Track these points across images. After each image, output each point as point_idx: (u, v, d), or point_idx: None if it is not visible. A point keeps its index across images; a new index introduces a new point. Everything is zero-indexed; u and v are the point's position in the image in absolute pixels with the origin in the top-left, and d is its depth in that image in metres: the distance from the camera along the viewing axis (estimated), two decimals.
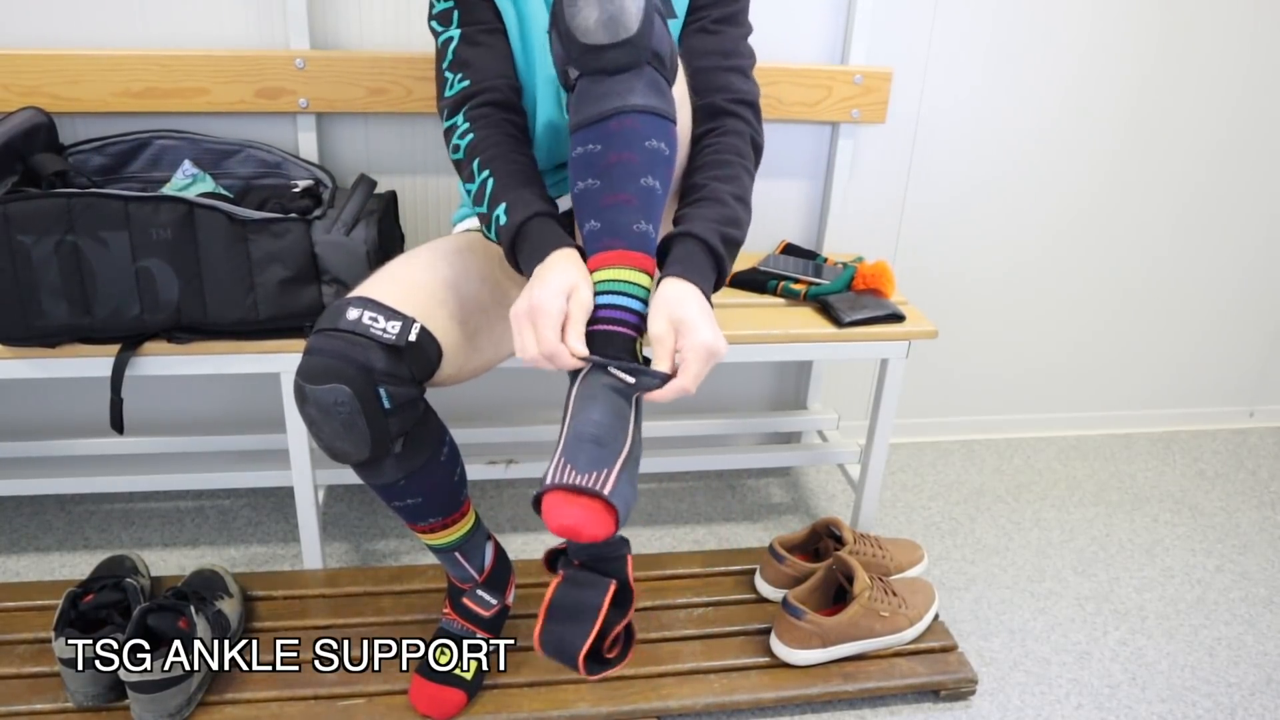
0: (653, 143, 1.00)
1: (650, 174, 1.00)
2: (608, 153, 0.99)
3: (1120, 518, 1.90)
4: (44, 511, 1.76)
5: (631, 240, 1.00)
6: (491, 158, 1.13)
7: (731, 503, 1.89)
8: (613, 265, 1.00)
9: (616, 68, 0.98)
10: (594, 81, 0.99)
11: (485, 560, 1.36)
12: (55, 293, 1.31)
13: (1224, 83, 1.91)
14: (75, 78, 1.48)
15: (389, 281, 1.15)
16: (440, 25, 1.21)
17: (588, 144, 1.00)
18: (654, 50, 0.99)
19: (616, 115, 0.98)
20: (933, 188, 1.89)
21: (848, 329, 1.53)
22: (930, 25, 1.75)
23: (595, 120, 0.99)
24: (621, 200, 0.99)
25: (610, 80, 0.98)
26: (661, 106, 1.00)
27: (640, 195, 1.00)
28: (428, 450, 1.18)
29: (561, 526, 0.93)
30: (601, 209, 1.00)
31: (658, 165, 1.01)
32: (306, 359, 1.08)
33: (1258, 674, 1.52)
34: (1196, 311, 2.13)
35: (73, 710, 1.29)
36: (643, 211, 1.00)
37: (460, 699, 1.32)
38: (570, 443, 0.96)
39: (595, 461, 0.95)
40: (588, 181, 1.00)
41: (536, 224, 1.06)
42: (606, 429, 0.97)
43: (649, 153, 1.00)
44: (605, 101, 0.98)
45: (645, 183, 1.00)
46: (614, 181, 0.99)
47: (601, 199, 1.00)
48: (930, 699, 1.44)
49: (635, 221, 1.00)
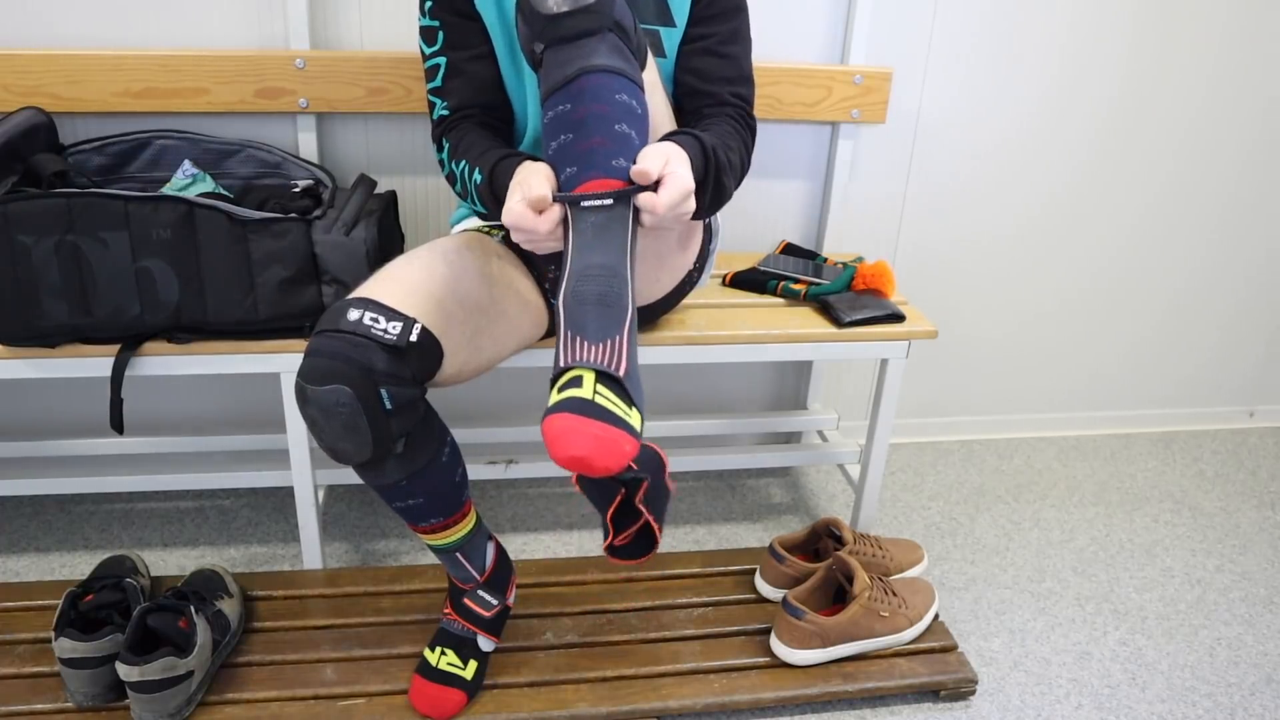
0: (622, 97, 0.99)
1: (624, 122, 0.99)
2: (577, 108, 0.98)
3: (1120, 518, 1.90)
4: (44, 511, 1.76)
5: (610, 171, 0.99)
6: (464, 150, 1.21)
7: (731, 503, 1.89)
8: (592, 189, 0.99)
9: (578, 33, 0.98)
10: (557, 50, 0.99)
11: (486, 561, 1.36)
12: (55, 293, 1.31)
13: (1225, 83, 1.91)
14: (75, 78, 1.48)
15: (389, 282, 1.15)
16: (427, 45, 1.26)
17: (557, 106, 0.99)
18: (616, 20, 0.99)
19: (581, 75, 0.98)
20: (933, 188, 1.89)
21: (848, 329, 1.53)
22: (930, 25, 1.75)
23: (561, 84, 0.98)
24: (596, 144, 0.99)
25: (573, 46, 0.98)
26: (626, 69, 1.00)
27: (615, 139, 0.99)
28: (429, 451, 1.18)
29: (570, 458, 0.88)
30: (577, 155, 0.99)
31: (631, 116, 1.00)
32: (308, 360, 1.08)
33: (1257, 674, 1.52)
34: (1197, 311, 2.13)
35: (73, 710, 1.29)
36: (619, 150, 0.99)
37: (460, 699, 1.32)
38: (572, 305, 0.94)
39: (604, 327, 0.93)
40: (561, 138, 1.00)
41: (503, 164, 1.12)
42: (606, 278, 0.95)
43: (620, 104, 0.99)
44: (569, 65, 0.98)
45: (619, 129, 0.99)
46: (588, 130, 0.99)
47: (576, 146, 0.99)
48: (930, 699, 1.44)
49: (613, 158, 0.99)
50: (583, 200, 0.98)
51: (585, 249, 0.97)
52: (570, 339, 0.93)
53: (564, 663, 1.40)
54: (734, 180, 1.19)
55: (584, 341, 0.92)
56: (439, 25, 1.24)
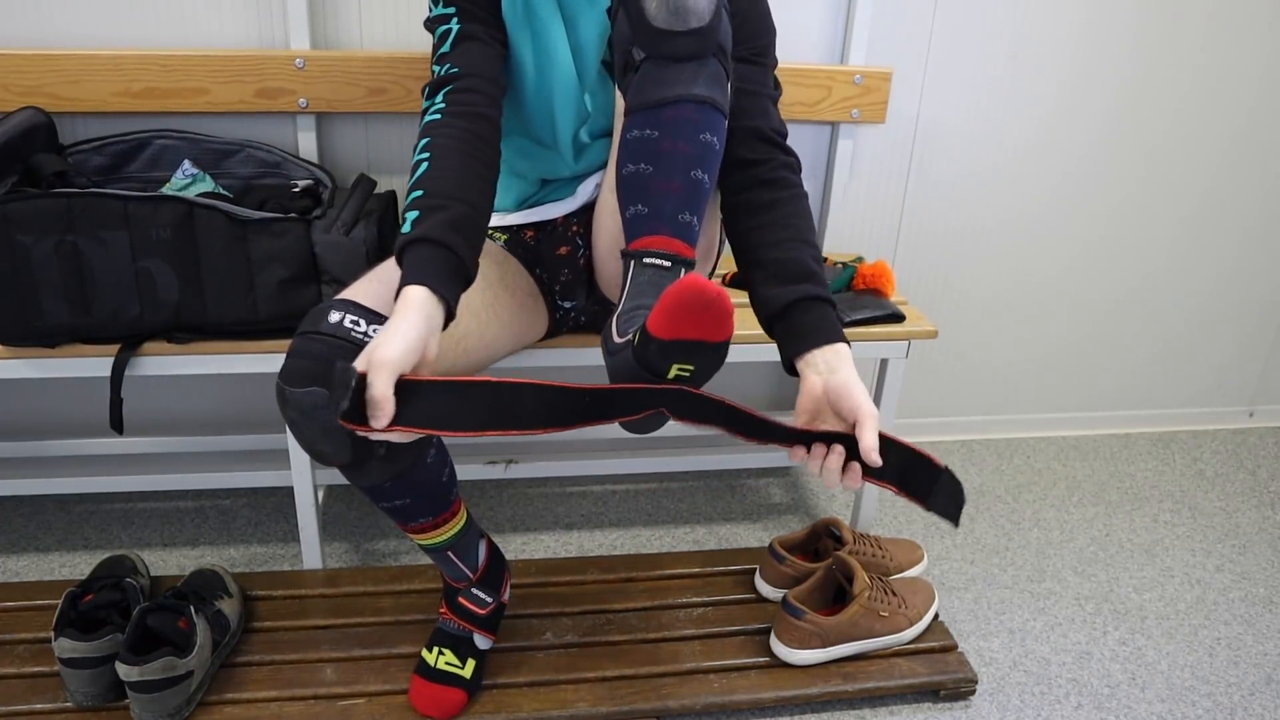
0: (706, 136, 1.02)
1: (700, 167, 1.02)
2: (662, 140, 1.01)
3: (1120, 518, 1.90)
4: (44, 511, 1.76)
5: (675, 228, 1.03)
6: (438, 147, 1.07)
7: (731, 503, 1.89)
8: (655, 247, 1.03)
9: (684, 55, 1.00)
10: (659, 66, 1.01)
11: (479, 559, 1.36)
12: (55, 293, 1.31)
13: (1226, 82, 1.91)
14: (75, 78, 1.48)
15: (375, 284, 1.14)
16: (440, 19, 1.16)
17: (644, 128, 1.01)
18: (719, 43, 1.01)
19: (676, 103, 1.00)
20: (933, 188, 1.89)
21: (848, 329, 1.53)
22: (930, 25, 1.75)
23: (655, 105, 1.01)
24: (672, 190, 1.02)
25: (676, 67, 1.00)
26: (720, 100, 1.02)
27: (688, 187, 1.02)
28: (413, 452, 1.17)
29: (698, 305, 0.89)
30: (650, 195, 1.02)
31: (708, 158, 1.03)
32: (288, 361, 1.07)
33: (1257, 674, 1.52)
34: (1197, 311, 2.13)
35: (73, 710, 1.29)
36: (688, 203, 1.03)
37: (460, 698, 1.32)
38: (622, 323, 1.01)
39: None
40: (640, 165, 1.02)
41: (422, 249, 0.99)
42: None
43: (702, 145, 1.02)
44: (668, 88, 1.00)
45: (694, 175, 1.02)
46: (665, 169, 1.01)
47: (651, 185, 1.02)
48: (930, 699, 1.44)
49: (680, 212, 1.02)
50: (646, 258, 1.02)
51: (640, 293, 1.02)
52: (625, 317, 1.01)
53: (564, 663, 1.40)
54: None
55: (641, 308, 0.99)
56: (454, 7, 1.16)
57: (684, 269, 1.03)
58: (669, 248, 1.02)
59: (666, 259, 1.02)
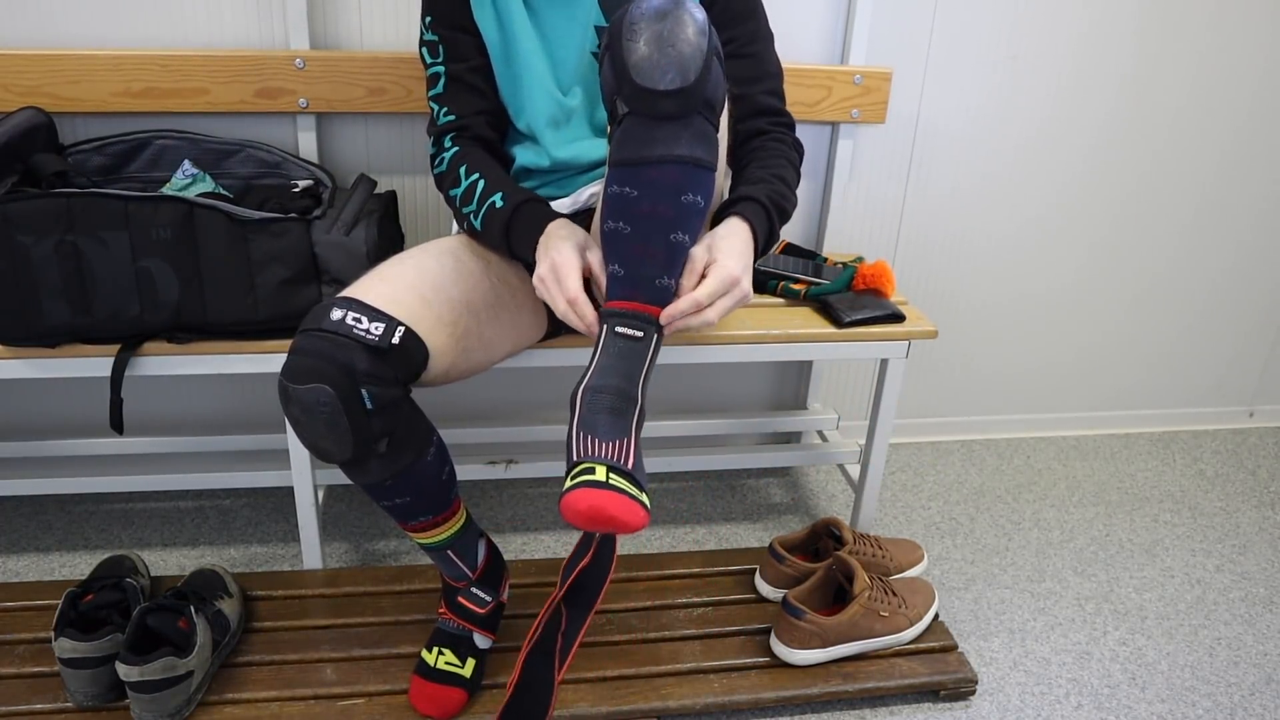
0: (688, 196, 1.01)
1: (681, 229, 1.03)
2: (642, 201, 1.01)
3: (1120, 518, 1.90)
4: (44, 511, 1.76)
5: (651, 294, 1.05)
6: (479, 166, 1.24)
7: (731, 503, 1.89)
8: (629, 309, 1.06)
9: (666, 115, 0.98)
10: (640, 124, 0.99)
11: (478, 558, 1.36)
12: (55, 293, 1.31)
13: (1226, 82, 1.91)
14: (75, 78, 1.48)
15: (377, 282, 1.15)
16: (429, 56, 1.29)
17: (624, 186, 1.01)
18: (706, 99, 0.99)
19: (657, 164, 0.99)
20: (933, 188, 1.89)
21: (848, 329, 1.53)
22: (930, 25, 1.75)
23: (635, 163, 1.00)
24: (649, 255, 1.03)
25: (659, 125, 0.98)
26: (704, 157, 1.01)
27: (666, 250, 1.03)
28: (414, 450, 1.18)
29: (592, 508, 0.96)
30: (628, 258, 1.04)
31: (689, 219, 1.03)
32: (290, 359, 1.08)
33: (1257, 674, 1.52)
34: (1197, 312, 2.13)
35: (73, 710, 1.29)
36: (666, 267, 1.04)
37: (460, 698, 1.32)
38: (585, 411, 1.02)
39: (614, 430, 1.01)
40: (619, 224, 1.02)
41: (529, 208, 1.18)
42: (620, 397, 1.03)
43: (683, 207, 1.02)
44: (649, 147, 0.99)
45: (674, 238, 1.03)
46: (644, 233, 1.02)
47: (629, 247, 1.03)
48: (930, 699, 1.44)
49: (658, 276, 1.04)
50: (618, 326, 1.05)
51: (607, 369, 1.04)
52: (582, 437, 1.01)
53: None
54: (793, 206, 1.24)
55: (595, 440, 1.01)
56: (439, 39, 1.27)
57: (656, 333, 1.06)
58: (645, 311, 1.05)
59: (639, 327, 1.05)
